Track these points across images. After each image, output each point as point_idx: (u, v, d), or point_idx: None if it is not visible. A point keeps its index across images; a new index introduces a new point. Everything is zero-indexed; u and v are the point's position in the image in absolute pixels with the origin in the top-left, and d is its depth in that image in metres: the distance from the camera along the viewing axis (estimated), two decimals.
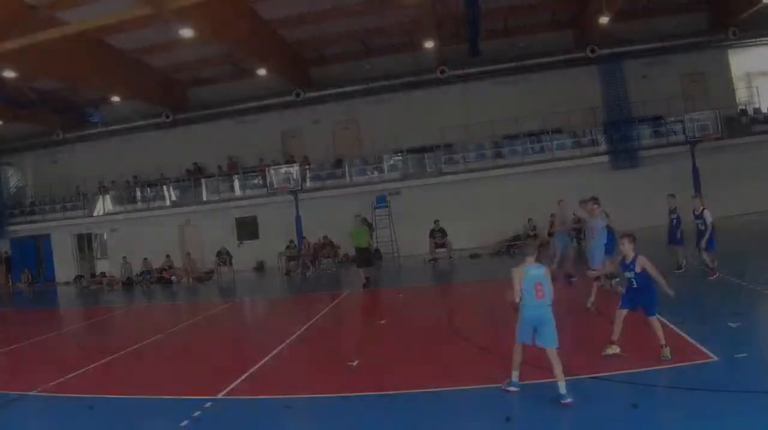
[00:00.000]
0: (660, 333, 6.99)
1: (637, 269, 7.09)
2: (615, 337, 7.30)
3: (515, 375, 6.41)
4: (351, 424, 6.35)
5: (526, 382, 6.57)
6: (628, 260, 7.17)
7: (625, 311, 7.24)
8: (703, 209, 11.85)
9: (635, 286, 7.16)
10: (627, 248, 7.20)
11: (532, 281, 6.25)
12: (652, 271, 7.05)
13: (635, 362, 7.05)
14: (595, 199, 12.74)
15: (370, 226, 21.31)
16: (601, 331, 8.09)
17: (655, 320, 7.03)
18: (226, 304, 17.21)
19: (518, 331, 6.36)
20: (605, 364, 7.13)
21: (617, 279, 12.74)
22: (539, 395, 6.37)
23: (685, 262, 12.93)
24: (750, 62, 26.05)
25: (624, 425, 5.63)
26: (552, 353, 6.10)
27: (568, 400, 5.93)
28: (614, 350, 7.30)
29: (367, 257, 17.01)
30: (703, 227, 11.73)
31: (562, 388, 6.01)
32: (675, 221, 12.88)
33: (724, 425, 5.33)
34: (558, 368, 6.06)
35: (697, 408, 5.70)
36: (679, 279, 11.73)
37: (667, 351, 6.90)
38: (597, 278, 9.94)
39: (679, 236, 12.97)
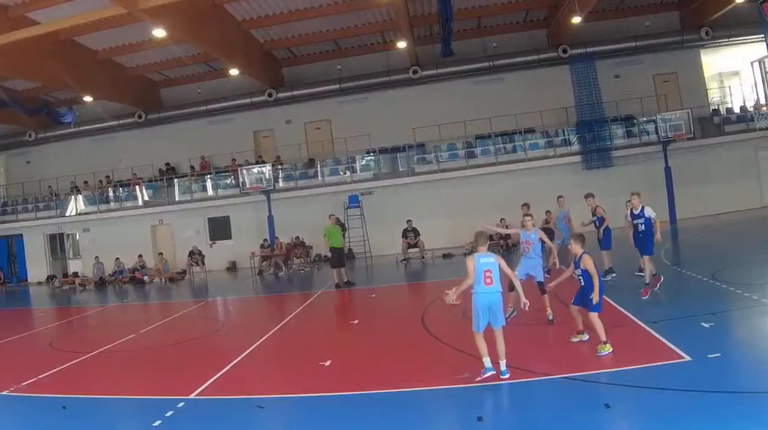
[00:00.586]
0: (600, 331, 7.58)
1: (582, 267, 7.81)
2: (580, 326, 8.14)
3: (487, 361, 6.95)
4: (323, 424, 6.52)
5: (499, 382, 6.93)
6: (577, 258, 7.94)
7: (577, 307, 8.05)
8: (643, 207, 11.59)
9: (582, 283, 7.89)
10: (575, 247, 7.98)
11: (482, 268, 6.97)
12: (591, 271, 7.76)
13: (608, 362, 7.36)
14: (590, 195, 13.25)
15: (342, 226, 22.19)
16: (568, 331, 8.70)
17: (595, 316, 7.62)
18: (198, 304, 17.68)
19: (475, 321, 7.00)
20: (577, 364, 7.46)
21: (614, 275, 13.06)
22: (511, 395, 6.73)
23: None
24: (722, 62, 27.08)
25: (597, 424, 5.81)
26: (499, 332, 7.04)
27: (507, 376, 6.89)
28: (581, 337, 8.17)
29: (342, 257, 17.68)
30: (644, 227, 11.39)
31: (503, 365, 6.94)
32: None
33: (698, 425, 5.45)
34: (502, 346, 6.99)
35: (671, 408, 5.82)
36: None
37: (604, 347, 7.49)
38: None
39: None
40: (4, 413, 7.87)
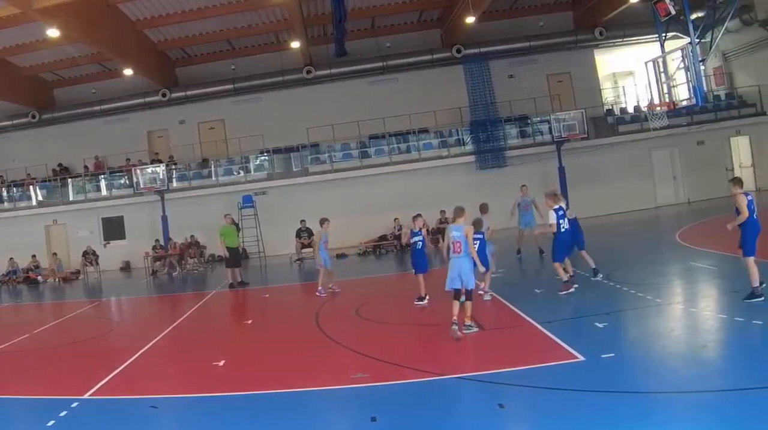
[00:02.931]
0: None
1: (569, 216, 11.91)
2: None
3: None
4: (216, 424, 7.07)
5: (393, 382, 7.74)
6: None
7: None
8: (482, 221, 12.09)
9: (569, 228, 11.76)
10: (549, 202, 12.14)
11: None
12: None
13: (501, 362, 8.08)
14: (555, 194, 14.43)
15: (237, 226, 24.98)
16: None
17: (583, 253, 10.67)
18: (92, 304, 19.06)
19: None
20: (471, 364, 8.30)
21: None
22: (405, 395, 7.35)
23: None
24: (616, 62, 30.13)
25: (490, 424, 6.35)
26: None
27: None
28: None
29: (237, 256, 19.88)
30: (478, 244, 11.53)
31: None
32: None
33: (591, 424, 5.94)
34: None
35: (564, 407, 6.37)
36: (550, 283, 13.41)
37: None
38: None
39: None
40: None
